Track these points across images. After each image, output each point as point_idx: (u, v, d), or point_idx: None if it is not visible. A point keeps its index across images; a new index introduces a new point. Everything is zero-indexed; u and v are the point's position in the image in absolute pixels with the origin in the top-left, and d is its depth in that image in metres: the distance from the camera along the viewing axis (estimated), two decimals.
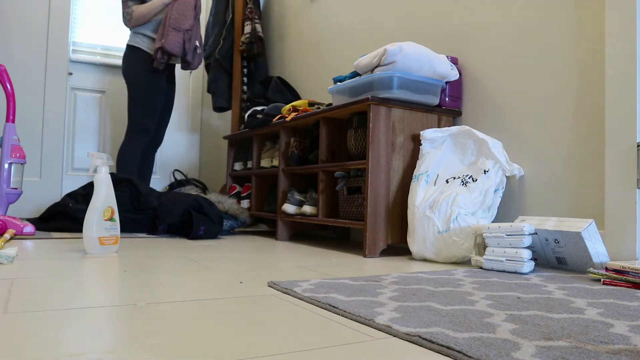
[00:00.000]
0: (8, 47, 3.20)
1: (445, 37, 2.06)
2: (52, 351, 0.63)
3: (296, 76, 3.20)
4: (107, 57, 3.59)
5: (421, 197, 1.69)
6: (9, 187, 2.31)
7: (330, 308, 0.89)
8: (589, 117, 1.54)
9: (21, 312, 0.82)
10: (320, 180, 2.05)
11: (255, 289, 1.08)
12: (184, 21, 2.70)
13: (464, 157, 1.76)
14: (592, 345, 0.68)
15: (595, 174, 1.51)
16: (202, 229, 2.18)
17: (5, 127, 2.35)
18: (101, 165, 1.62)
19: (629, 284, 1.16)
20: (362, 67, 1.88)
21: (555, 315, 0.85)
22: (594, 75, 1.53)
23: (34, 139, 3.26)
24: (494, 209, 1.66)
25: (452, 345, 0.66)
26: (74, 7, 3.49)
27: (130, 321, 0.78)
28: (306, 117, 2.15)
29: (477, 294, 1.04)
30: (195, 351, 0.64)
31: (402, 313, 0.85)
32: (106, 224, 1.61)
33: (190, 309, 0.88)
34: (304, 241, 2.28)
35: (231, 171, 2.98)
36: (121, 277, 1.18)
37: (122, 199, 2.27)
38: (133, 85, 2.76)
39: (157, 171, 3.73)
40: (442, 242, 1.59)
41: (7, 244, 1.75)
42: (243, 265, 1.45)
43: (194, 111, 3.92)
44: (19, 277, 1.14)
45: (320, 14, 2.97)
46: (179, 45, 2.67)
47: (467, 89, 1.95)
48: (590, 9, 1.54)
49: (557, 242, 1.42)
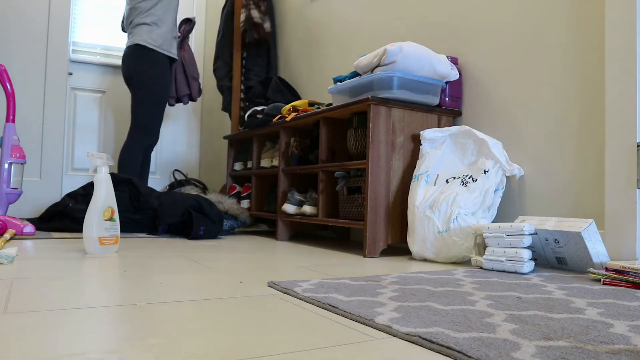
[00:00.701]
0: (8, 47, 3.20)
1: (445, 37, 2.06)
2: (52, 351, 0.63)
3: (296, 76, 3.20)
4: (107, 57, 3.59)
5: (421, 197, 1.69)
6: (9, 187, 2.31)
7: (330, 308, 0.89)
8: (589, 117, 1.54)
9: (21, 312, 0.82)
10: (320, 180, 2.05)
11: (255, 289, 1.08)
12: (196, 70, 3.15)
13: (464, 157, 1.76)
14: (592, 345, 0.68)
15: (595, 174, 1.51)
16: (202, 229, 2.18)
17: (5, 127, 2.35)
18: (101, 165, 1.62)
19: (629, 284, 1.16)
20: (362, 67, 1.88)
21: (555, 315, 0.85)
22: (594, 74, 1.53)
23: (34, 139, 3.26)
24: (494, 209, 1.66)
25: (452, 345, 0.66)
26: (74, 7, 3.49)
27: (130, 321, 0.78)
28: (306, 117, 2.15)
29: (477, 294, 1.04)
30: (196, 351, 0.64)
31: (402, 313, 0.85)
32: (106, 224, 1.61)
33: (190, 309, 0.88)
34: (304, 241, 2.28)
35: (231, 171, 2.98)
36: (121, 277, 1.18)
37: (122, 199, 2.27)
38: (141, 84, 2.71)
39: (157, 171, 3.74)
40: (442, 242, 1.59)
41: (7, 244, 1.75)
42: (243, 265, 1.45)
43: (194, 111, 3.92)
44: (19, 277, 1.14)
45: (320, 14, 2.97)
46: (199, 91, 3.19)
47: (467, 89, 1.95)
48: (590, 8, 1.54)
49: (557, 242, 1.42)
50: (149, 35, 2.70)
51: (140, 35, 2.70)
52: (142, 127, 2.73)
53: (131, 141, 2.73)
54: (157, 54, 2.71)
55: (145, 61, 2.70)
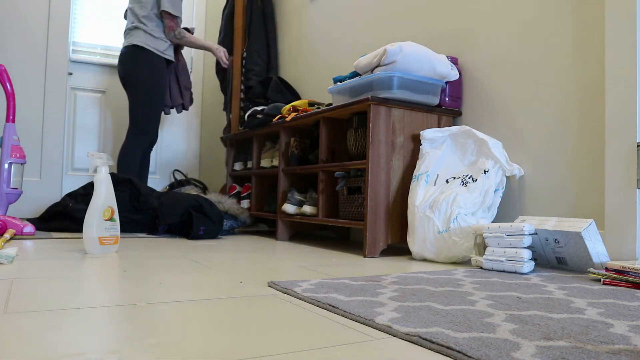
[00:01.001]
0: (8, 47, 3.20)
1: (445, 37, 2.06)
2: (52, 351, 0.63)
3: (296, 76, 3.20)
4: (107, 57, 3.59)
5: (421, 197, 1.69)
6: (9, 187, 2.31)
7: (330, 308, 0.89)
8: (589, 117, 1.54)
9: (21, 312, 0.82)
10: (320, 180, 2.05)
11: (255, 289, 1.08)
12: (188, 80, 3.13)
13: (464, 157, 1.76)
14: (592, 345, 0.68)
15: (595, 174, 1.51)
16: (202, 229, 2.18)
17: (5, 127, 2.35)
18: (101, 165, 1.62)
19: (629, 284, 1.16)
20: (362, 67, 1.88)
21: (555, 315, 0.85)
22: (594, 74, 1.53)
23: (34, 139, 3.26)
24: (494, 209, 1.66)
25: (452, 345, 0.66)
26: (74, 7, 3.49)
27: (130, 321, 0.78)
28: (306, 117, 2.15)
29: (477, 294, 1.04)
30: (195, 351, 0.64)
31: (402, 313, 0.85)
32: (106, 224, 1.61)
33: (190, 309, 0.88)
34: (304, 241, 2.28)
35: (231, 171, 2.98)
36: (121, 277, 1.18)
37: (122, 199, 2.27)
38: (137, 84, 2.73)
39: (157, 171, 3.73)
40: (442, 242, 1.59)
41: (7, 244, 1.75)
42: (243, 265, 1.45)
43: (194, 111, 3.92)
44: (19, 277, 1.14)
45: (320, 14, 2.97)
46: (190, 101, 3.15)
47: (467, 89, 1.95)
48: (591, 8, 1.54)
49: (557, 242, 1.42)
50: (146, 37, 2.72)
51: (138, 37, 2.72)
52: (139, 127, 2.75)
53: (129, 141, 2.74)
54: (154, 56, 2.72)
55: (142, 62, 2.72)
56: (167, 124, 3.76)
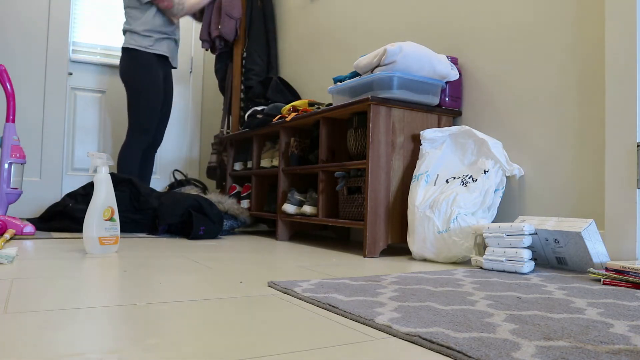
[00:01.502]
0: (8, 47, 3.20)
1: (445, 37, 2.06)
2: (52, 351, 0.63)
3: (296, 76, 3.20)
4: (107, 57, 3.59)
5: (421, 197, 1.69)
6: (9, 187, 2.31)
7: (330, 308, 0.89)
8: (589, 117, 1.54)
9: (21, 312, 0.82)
10: (320, 180, 2.05)
11: (255, 289, 1.08)
12: (234, 9, 2.93)
13: (464, 157, 1.76)
14: (592, 345, 0.68)
15: (595, 174, 1.51)
16: (202, 229, 2.18)
17: (5, 127, 2.35)
18: (101, 165, 1.62)
19: (629, 284, 1.16)
20: (362, 67, 1.88)
21: (555, 315, 0.85)
22: (594, 75, 1.53)
23: (34, 139, 3.26)
24: (494, 209, 1.66)
25: (452, 345, 0.66)
26: (74, 7, 3.49)
27: (130, 321, 0.78)
28: (306, 117, 2.15)
29: (477, 294, 1.04)
30: (196, 351, 0.64)
31: (402, 313, 0.85)
32: (106, 224, 1.61)
33: (190, 309, 0.88)
34: (304, 241, 2.28)
35: (231, 171, 2.98)
36: (121, 277, 1.18)
37: (122, 199, 2.27)
38: (130, 85, 2.78)
39: (157, 171, 3.73)
40: (442, 242, 1.59)
41: (7, 244, 1.75)
42: (243, 265, 1.45)
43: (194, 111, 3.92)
44: (19, 277, 1.14)
45: (320, 14, 2.97)
46: (233, 31, 2.90)
47: (467, 89, 1.95)
48: (590, 8, 1.54)
49: (557, 242, 1.42)
50: (132, 36, 2.75)
51: (126, 38, 2.77)
52: (137, 127, 2.77)
53: (129, 141, 2.77)
54: (142, 54, 2.75)
55: (132, 63, 2.76)
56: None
